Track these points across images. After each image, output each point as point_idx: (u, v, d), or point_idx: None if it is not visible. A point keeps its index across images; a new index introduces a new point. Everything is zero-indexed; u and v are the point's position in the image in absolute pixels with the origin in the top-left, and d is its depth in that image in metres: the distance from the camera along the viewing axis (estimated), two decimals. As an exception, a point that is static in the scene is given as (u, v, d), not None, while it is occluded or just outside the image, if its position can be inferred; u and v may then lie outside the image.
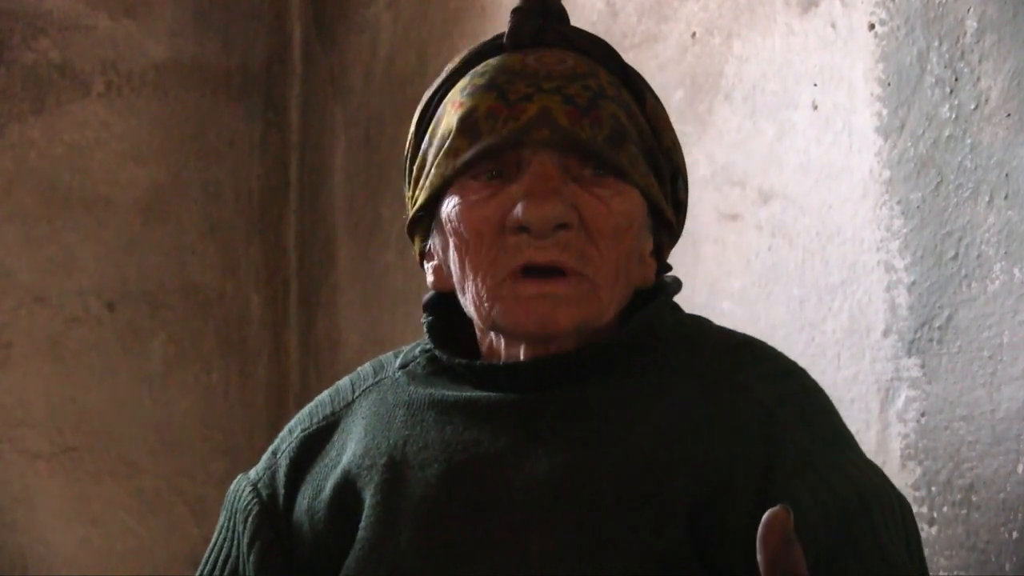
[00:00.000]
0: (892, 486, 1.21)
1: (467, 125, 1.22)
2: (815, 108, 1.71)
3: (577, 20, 2.20)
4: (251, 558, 1.28)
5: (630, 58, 2.06)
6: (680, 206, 1.31)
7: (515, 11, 1.28)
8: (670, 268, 1.34)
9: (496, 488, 1.18)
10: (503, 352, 1.26)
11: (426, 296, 1.33)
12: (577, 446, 1.18)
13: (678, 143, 1.31)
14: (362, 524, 1.22)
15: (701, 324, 1.31)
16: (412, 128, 1.31)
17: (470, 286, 1.22)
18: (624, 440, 1.18)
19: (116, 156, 2.99)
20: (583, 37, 1.30)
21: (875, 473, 1.21)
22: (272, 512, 1.30)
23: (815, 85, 1.71)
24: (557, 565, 1.14)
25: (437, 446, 1.22)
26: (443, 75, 1.30)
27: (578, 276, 1.20)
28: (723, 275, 1.84)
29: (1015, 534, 1.42)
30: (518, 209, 1.19)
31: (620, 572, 1.13)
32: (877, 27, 1.62)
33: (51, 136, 2.95)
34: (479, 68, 1.26)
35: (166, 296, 3.03)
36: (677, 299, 1.34)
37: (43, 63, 2.95)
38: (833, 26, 1.69)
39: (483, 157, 1.21)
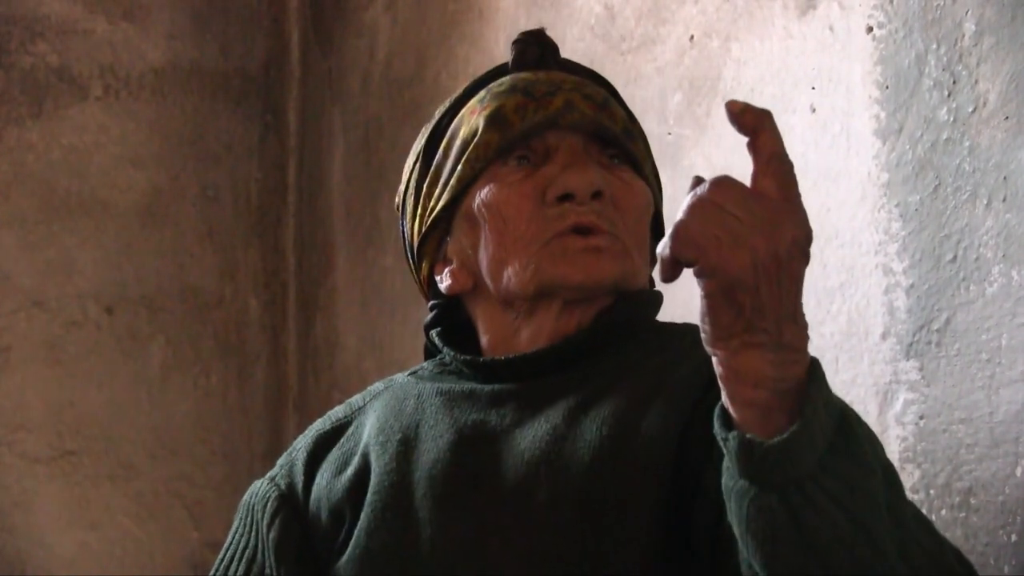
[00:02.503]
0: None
1: (496, 120, 1.33)
2: (813, 111, 1.71)
3: (575, 23, 2.21)
4: (270, 535, 1.34)
5: (628, 61, 2.07)
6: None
7: (516, 41, 1.40)
8: (653, 284, 1.39)
9: (503, 458, 1.25)
10: (522, 336, 1.33)
11: (426, 319, 1.41)
12: (572, 413, 1.25)
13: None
14: (372, 488, 1.29)
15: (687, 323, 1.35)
16: (417, 154, 1.40)
17: (512, 257, 1.30)
18: (615, 403, 1.24)
19: (114, 160, 2.99)
20: (578, 66, 1.42)
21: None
22: (291, 497, 1.36)
23: (813, 88, 1.71)
24: (559, 531, 1.20)
25: (447, 423, 1.30)
26: (447, 104, 1.41)
27: (613, 236, 1.30)
28: (721, 278, 1.84)
29: (1014, 537, 1.42)
30: (560, 179, 1.30)
31: (622, 536, 1.18)
32: (875, 30, 1.62)
33: (49, 140, 2.95)
34: (493, 85, 1.37)
35: (164, 300, 3.02)
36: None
37: (41, 67, 2.95)
38: (831, 29, 1.69)
39: (517, 143, 1.32)
